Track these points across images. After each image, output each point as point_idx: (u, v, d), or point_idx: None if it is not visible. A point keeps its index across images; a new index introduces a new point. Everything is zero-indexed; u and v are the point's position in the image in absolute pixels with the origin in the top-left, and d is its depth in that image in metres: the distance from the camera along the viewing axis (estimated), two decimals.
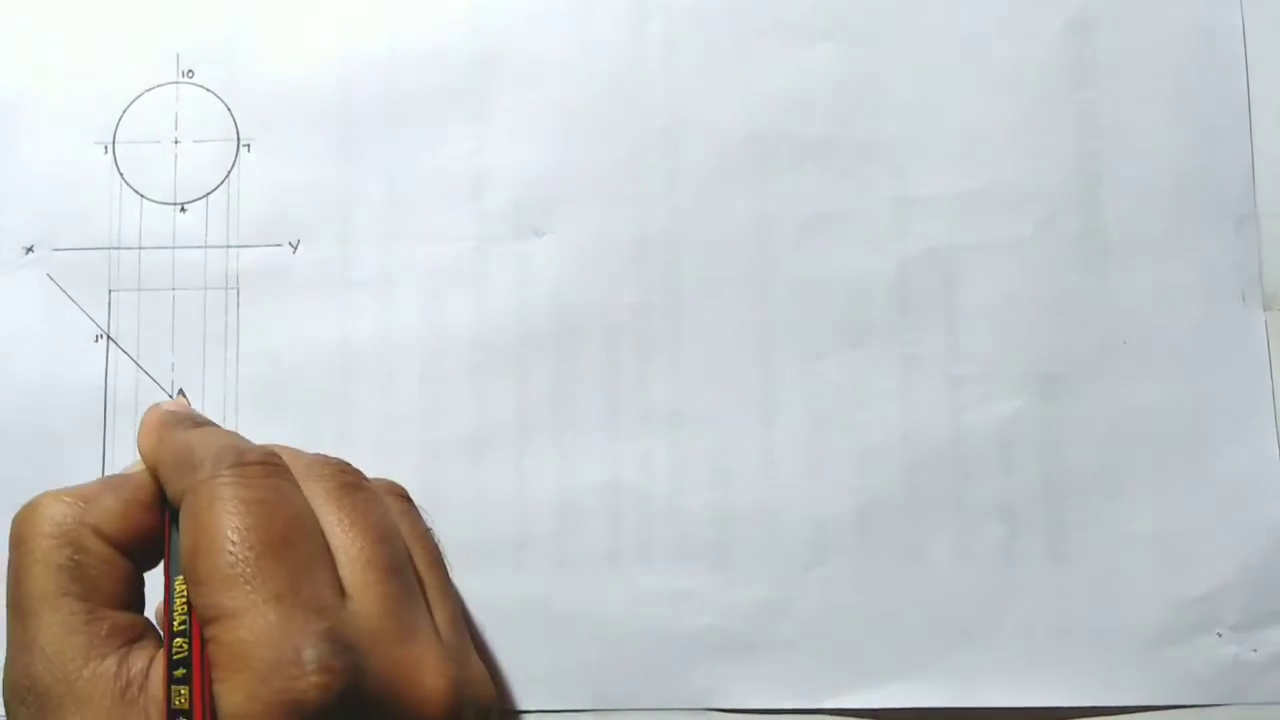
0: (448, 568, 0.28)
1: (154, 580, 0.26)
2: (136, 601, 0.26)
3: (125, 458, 0.34)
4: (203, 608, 0.23)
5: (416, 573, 0.27)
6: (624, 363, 0.34)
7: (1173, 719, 0.32)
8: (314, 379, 0.34)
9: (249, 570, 0.23)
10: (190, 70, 0.36)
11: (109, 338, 0.34)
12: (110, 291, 0.35)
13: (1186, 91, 0.34)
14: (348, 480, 0.27)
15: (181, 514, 0.24)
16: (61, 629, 0.24)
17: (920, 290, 0.34)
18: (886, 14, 0.35)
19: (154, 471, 0.27)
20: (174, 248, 0.35)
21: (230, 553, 0.23)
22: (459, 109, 0.35)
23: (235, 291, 0.35)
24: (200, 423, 0.28)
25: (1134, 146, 0.34)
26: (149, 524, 0.26)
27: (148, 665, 0.24)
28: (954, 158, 0.34)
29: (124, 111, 0.35)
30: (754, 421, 0.34)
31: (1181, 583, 0.33)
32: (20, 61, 0.36)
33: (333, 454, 0.27)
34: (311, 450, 0.28)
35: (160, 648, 0.24)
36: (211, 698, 0.22)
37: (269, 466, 0.25)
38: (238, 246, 0.35)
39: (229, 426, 0.34)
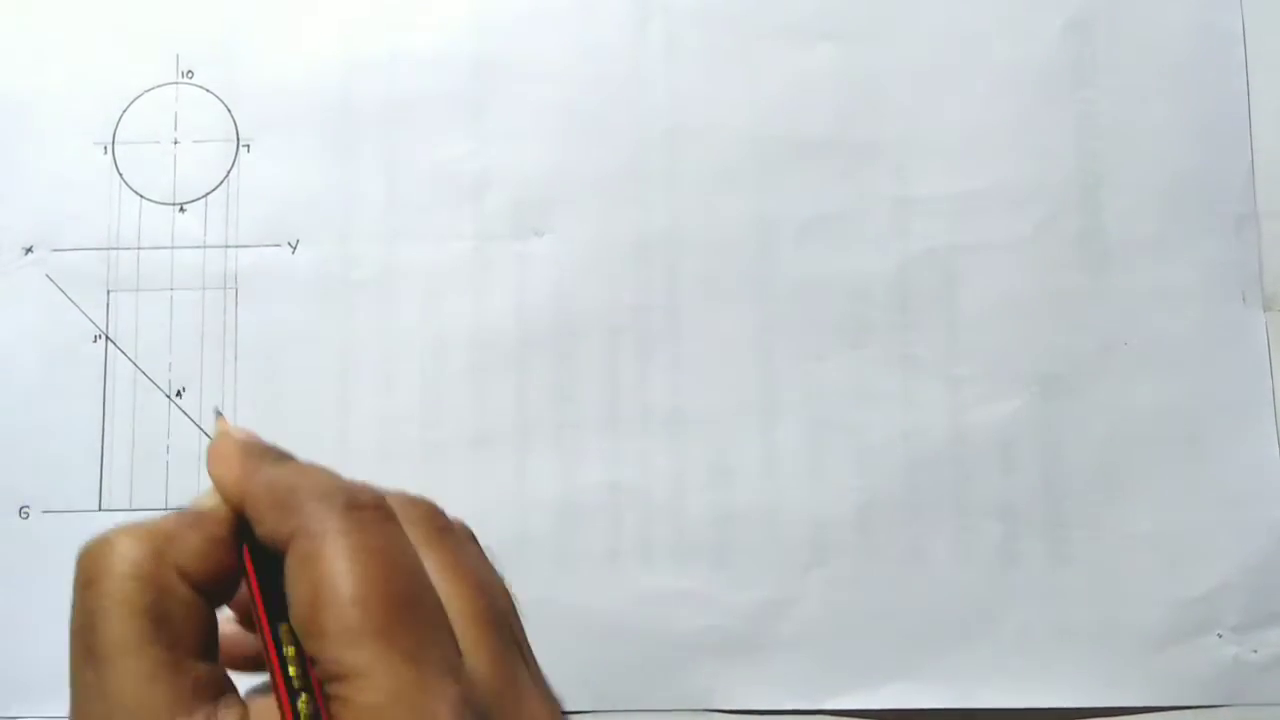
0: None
1: None
2: (215, 648, 0.24)
3: (124, 457, 0.34)
4: (328, 663, 0.21)
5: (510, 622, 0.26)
6: (624, 363, 0.34)
7: (1172, 719, 0.32)
8: (314, 379, 0.34)
9: (382, 625, 0.21)
10: (190, 71, 0.36)
11: (108, 338, 0.34)
12: (109, 292, 0.35)
13: (1186, 91, 0.34)
14: (440, 523, 0.25)
15: (291, 560, 0.22)
16: (145, 680, 0.22)
17: (920, 290, 0.34)
18: (887, 15, 0.35)
19: (238, 507, 0.25)
20: (173, 248, 0.35)
21: (359, 605, 0.21)
22: (459, 110, 0.35)
23: (234, 291, 0.35)
24: (283, 454, 0.26)
25: (1134, 146, 0.34)
26: (230, 563, 0.24)
27: None
28: (954, 158, 0.34)
29: (124, 112, 0.35)
30: (754, 421, 0.34)
31: (1181, 583, 0.33)
32: (20, 62, 0.36)
33: (333, 453, 0.27)
34: (312, 448, 0.27)
35: (244, 706, 0.22)
36: None
37: (382, 511, 0.23)
38: (237, 246, 0.35)
39: None
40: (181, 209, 0.35)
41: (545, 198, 0.35)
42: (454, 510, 0.33)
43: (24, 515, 0.33)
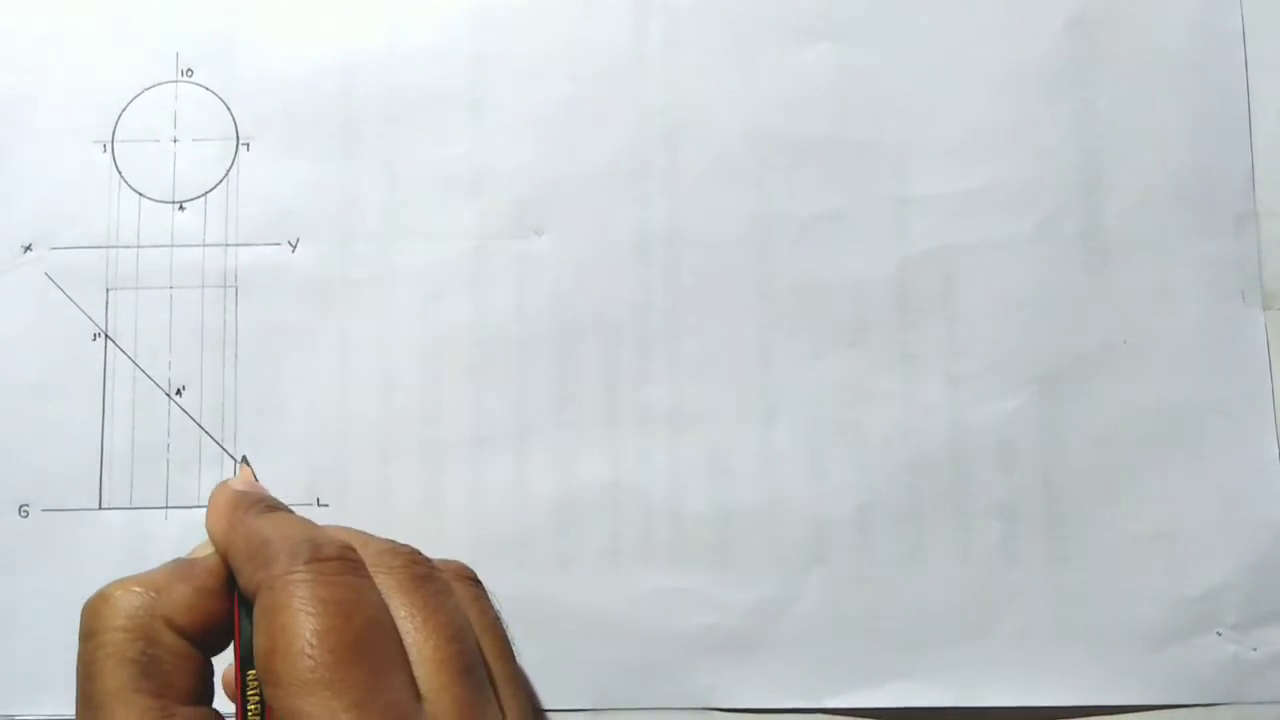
0: (515, 655, 0.28)
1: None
2: (207, 693, 0.25)
3: (124, 456, 0.34)
4: (280, 711, 0.22)
5: (487, 667, 0.26)
6: (624, 362, 0.34)
7: (1173, 718, 0.32)
8: (313, 378, 0.34)
9: (328, 675, 0.22)
10: (189, 69, 0.35)
11: (107, 336, 0.34)
12: (108, 290, 0.35)
13: (1186, 91, 0.34)
14: (418, 571, 0.26)
15: (256, 610, 0.24)
16: None
17: (920, 290, 0.34)
18: (887, 14, 0.35)
19: (225, 558, 0.26)
20: (172, 246, 0.35)
21: (309, 655, 0.22)
22: (458, 108, 0.35)
23: (234, 290, 0.35)
24: (271, 506, 0.28)
25: (1134, 146, 0.34)
26: (219, 611, 0.25)
27: None
28: (954, 158, 0.34)
29: (123, 110, 0.35)
30: (754, 421, 0.34)
31: (1181, 582, 0.33)
32: (20, 61, 0.36)
33: (333, 453, 0.27)
34: (312, 448, 0.28)
35: None
36: None
37: (345, 562, 0.24)
38: (236, 245, 0.35)
39: (228, 428, 0.34)
40: (181, 207, 0.35)
41: (545, 196, 0.35)
42: (454, 510, 0.33)
43: (23, 514, 0.33)
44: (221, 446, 0.34)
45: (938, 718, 0.32)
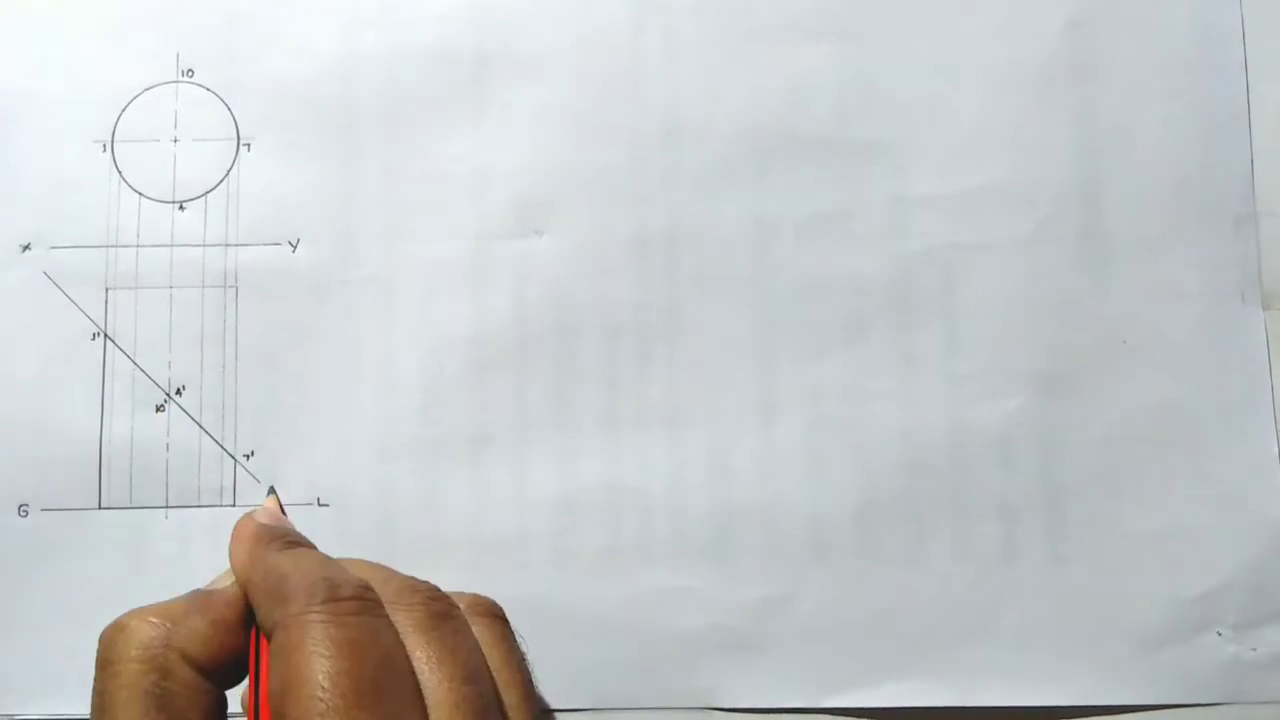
0: (536, 693, 0.28)
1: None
2: None
3: (123, 456, 0.34)
4: None
5: (504, 711, 0.26)
6: (623, 362, 0.34)
7: (1173, 718, 0.32)
8: (313, 378, 0.34)
9: (339, 718, 0.22)
10: (190, 69, 0.35)
11: (106, 336, 0.34)
12: (108, 290, 0.35)
13: (1186, 91, 0.34)
14: (437, 609, 0.26)
15: (271, 649, 0.24)
16: None
17: (920, 290, 0.34)
18: (887, 14, 0.35)
19: (244, 591, 0.26)
20: (172, 246, 0.35)
21: (320, 699, 0.22)
22: (459, 108, 0.35)
23: (234, 290, 0.34)
24: (293, 541, 0.27)
25: (1134, 146, 0.34)
26: (235, 646, 0.25)
27: None
28: (954, 158, 0.34)
29: (123, 110, 0.35)
30: (754, 421, 0.34)
31: (1181, 583, 0.33)
32: (20, 60, 0.35)
33: (333, 452, 0.27)
34: (312, 447, 0.28)
35: None
36: None
37: (361, 603, 0.24)
38: (236, 245, 0.35)
39: (228, 428, 0.34)
40: (181, 207, 0.35)
41: (545, 196, 0.35)
42: (454, 510, 0.33)
43: (23, 513, 0.33)
44: (221, 446, 0.34)
45: (938, 718, 0.32)
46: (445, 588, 0.26)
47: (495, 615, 0.28)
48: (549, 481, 0.34)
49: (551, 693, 0.33)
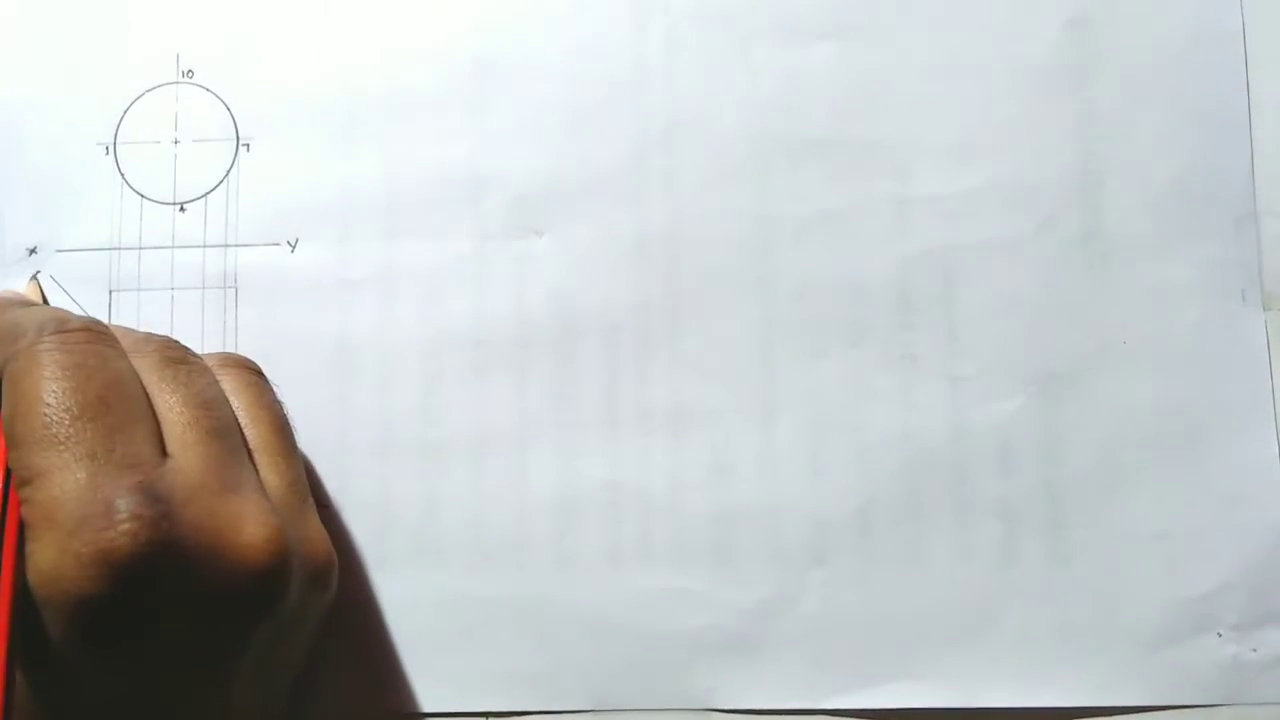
0: (294, 438, 0.29)
1: None
2: None
3: None
4: (18, 469, 0.23)
5: (248, 440, 0.27)
6: (624, 362, 0.34)
7: (1173, 719, 0.32)
8: (313, 378, 0.34)
9: (63, 431, 0.23)
10: (190, 70, 0.36)
11: None
12: (111, 292, 0.35)
13: (1186, 91, 0.34)
14: (172, 354, 0.27)
15: (5, 380, 0.24)
16: None
17: (920, 290, 0.34)
18: (887, 14, 0.35)
19: None
20: (173, 247, 0.35)
21: (45, 415, 0.23)
22: (459, 109, 0.35)
23: (234, 291, 0.35)
24: (33, 303, 0.29)
25: (1134, 146, 0.34)
26: None
27: None
28: (954, 158, 0.34)
29: (124, 112, 0.35)
30: (754, 421, 0.34)
31: (1181, 583, 0.33)
32: (21, 63, 0.36)
33: (333, 452, 0.27)
34: (312, 447, 0.28)
35: None
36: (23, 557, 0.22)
37: (91, 333, 0.25)
38: (236, 246, 0.35)
39: None
40: (182, 208, 0.35)
41: (545, 197, 0.35)
42: (453, 510, 0.33)
43: None
44: None
45: (938, 718, 0.32)
46: (445, 588, 0.26)
47: (246, 367, 0.29)
48: (549, 481, 0.34)
49: (551, 693, 0.33)
